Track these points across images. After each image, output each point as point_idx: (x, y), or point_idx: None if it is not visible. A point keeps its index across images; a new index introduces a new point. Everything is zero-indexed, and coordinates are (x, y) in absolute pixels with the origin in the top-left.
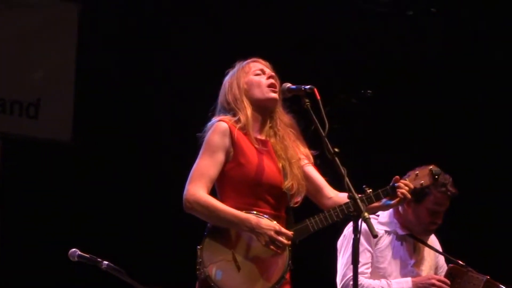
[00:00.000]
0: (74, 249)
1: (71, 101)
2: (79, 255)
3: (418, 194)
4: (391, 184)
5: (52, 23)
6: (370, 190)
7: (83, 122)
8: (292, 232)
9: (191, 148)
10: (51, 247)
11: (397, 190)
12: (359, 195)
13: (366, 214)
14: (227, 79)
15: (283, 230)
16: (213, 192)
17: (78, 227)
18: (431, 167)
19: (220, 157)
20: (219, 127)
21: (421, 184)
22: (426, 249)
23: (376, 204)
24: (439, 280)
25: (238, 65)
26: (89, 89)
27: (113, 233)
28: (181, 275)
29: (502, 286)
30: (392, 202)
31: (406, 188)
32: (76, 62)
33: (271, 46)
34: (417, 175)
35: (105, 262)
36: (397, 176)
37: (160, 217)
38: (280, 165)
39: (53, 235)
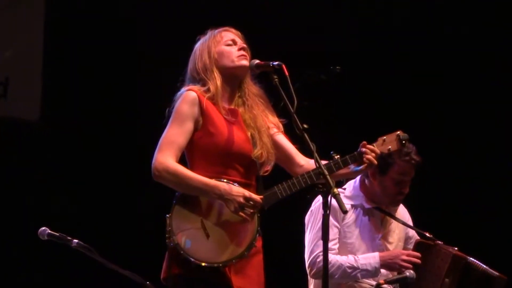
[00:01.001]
0: (43, 228)
1: (39, 80)
2: (49, 234)
3: (383, 165)
4: (358, 149)
5: (19, 1)
6: (338, 156)
7: (51, 101)
8: (261, 197)
9: (161, 124)
10: (20, 226)
11: (364, 156)
12: (327, 161)
13: (335, 190)
14: (197, 46)
15: (252, 196)
16: (183, 162)
17: (48, 206)
18: (398, 132)
19: (189, 126)
20: (188, 96)
21: (389, 150)
22: (395, 221)
23: (345, 170)
24: (408, 255)
25: (210, 33)
26: (58, 68)
27: (82, 211)
28: (151, 252)
29: (470, 258)
30: (360, 168)
31: (373, 154)
32: (44, 40)
33: (241, 22)
34: (384, 140)
35: (75, 241)
36: (364, 142)
37: (130, 194)
38: (249, 134)
39: (22, 214)
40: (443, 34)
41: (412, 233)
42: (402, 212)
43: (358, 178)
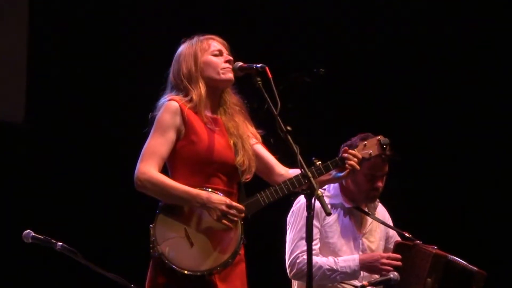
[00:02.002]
0: (28, 231)
1: (23, 82)
2: (33, 237)
3: None
4: (340, 155)
5: (2, 2)
6: (319, 162)
7: (36, 103)
8: (243, 206)
9: (146, 125)
10: (4, 229)
11: (346, 162)
12: (309, 168)
13: (319, 192)
14: (182, 50)
15: (235, 204)
16: (166, 172)
17: (32, 208)
18: (379, 137)
19: (171, 135)
20: (170, 106)
21: (370, 154)
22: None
23: (326, 177)
24: (388, 258)
25: (196, 39)
26: (42, 70)
27: (67, 214)
28: (136, 255)
29: (450, 256)
30: (342, 174)
31: (355, 159)
32: (28, 42)
33: (224, 24)
34: (365, 145)
35: (59, 243)
36: (346, 147)
37: (115, 197)
38: (232, 141)
39: (6, 216)
40: (426, 34)
41: (393, 232)
42: (382, 212)
43: None
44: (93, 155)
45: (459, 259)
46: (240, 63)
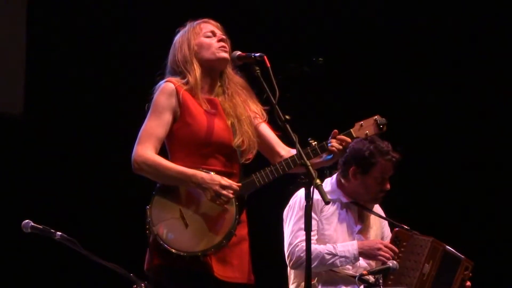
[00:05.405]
0: (27, 221)
1: (22, 74)
2: (32, 226)
3: (365, 165)
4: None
5: None
6: (316, 142)
7: (34, 94)
8: (238, 185)
9: (144, 115)
10: (3, 219)
11: (329, 147)
12: (304, 148)
13: (318, 181)
14: (177, 38)
15: (229, 183)
16: (165, 155)
17: (31, 199)
18: (375, 117)
19: (167, 117)
20: (165, 88)
21: (366, 134)
22: (372, 218)
23: (317, 159)
24: (386, 246)
25: (189, 25)
26: (41, 61)
27: (66, 204)
28: (135, 245)
29: (447, 246)
30: (331, 157)
31: (341, 142)
32: (27, 33)
33: (222, 14)
34: (361, 125)
35: (59, 233)
36: (336, 130)
37: (114, 188)
38: (229, 122)
39: (6, 207)
40: (424, 24)
41: (388, 232)
42: (378, 210)
43: (334, 176)
44: (92, 145)
45: (453, 250)
46: (239, 52)
